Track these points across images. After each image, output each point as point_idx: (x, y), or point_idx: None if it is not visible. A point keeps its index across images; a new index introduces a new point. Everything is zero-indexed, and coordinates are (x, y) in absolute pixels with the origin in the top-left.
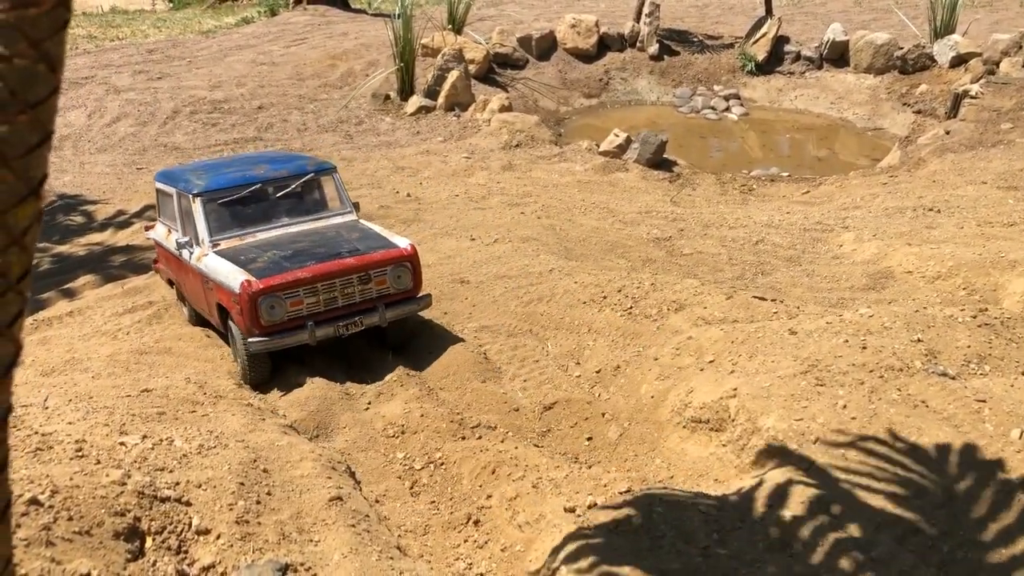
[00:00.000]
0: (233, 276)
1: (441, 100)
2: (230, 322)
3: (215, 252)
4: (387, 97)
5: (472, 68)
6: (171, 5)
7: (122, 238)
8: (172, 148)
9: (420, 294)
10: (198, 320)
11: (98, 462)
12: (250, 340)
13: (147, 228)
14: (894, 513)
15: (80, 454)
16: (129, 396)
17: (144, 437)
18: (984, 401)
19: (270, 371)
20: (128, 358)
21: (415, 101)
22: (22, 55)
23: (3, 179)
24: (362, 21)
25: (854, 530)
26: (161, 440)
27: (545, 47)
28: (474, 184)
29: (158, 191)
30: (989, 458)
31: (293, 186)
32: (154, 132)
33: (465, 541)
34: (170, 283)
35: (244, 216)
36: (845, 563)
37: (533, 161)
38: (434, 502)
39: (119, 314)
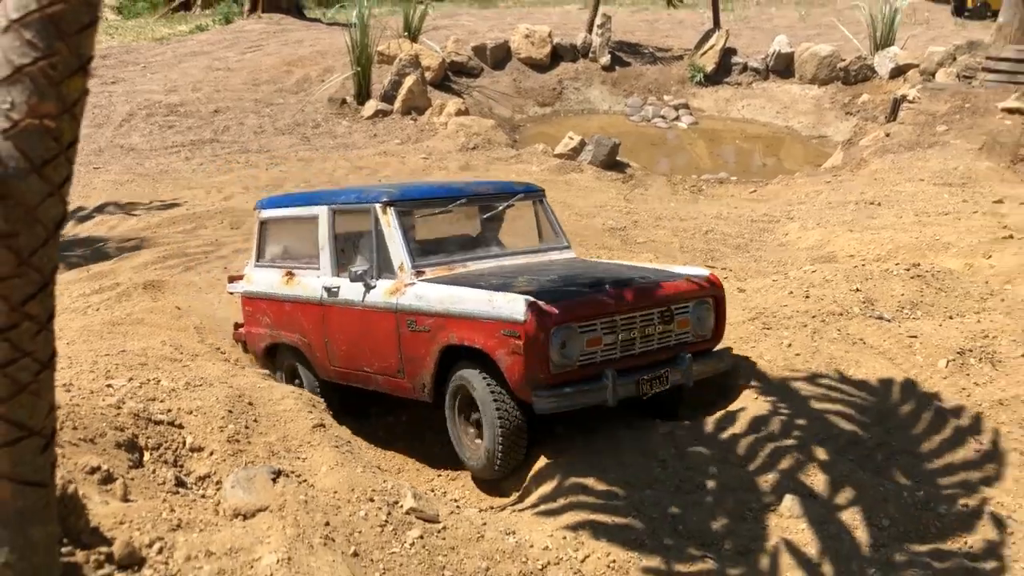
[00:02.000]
0: (503, 299)
1: (398, 104)
2: (473, 378)
3: (424, 281)
4: (344, 101)
5: (428, 75)
6: (120, 15)
7: (83, 231)
8: (129, 149)
9: (720, 346)
10: (326, 388)
11: (91, 392)
12: (540, 394)
13: (231, 280)
14: (834, 429)
15: (70, 393)
16: (108, 355)
17: (130, 379)
18: (915, 337)
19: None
20: (101, 328)
21: (372, 105)
22: None
23: (58, 52)
24: (317, 29)
25: (799, 443)
26: (148, 380)
27: (499, 56)
28: None
29: (268, 223)
30: (919, 384)
31: (503, 207)
32: (110, 134)
33: (439, 475)
34: (271, 352)
35: (448, 240)
36: (786, 464)
37: (490, 162)
38: (408, 445)
39: (87, 295)
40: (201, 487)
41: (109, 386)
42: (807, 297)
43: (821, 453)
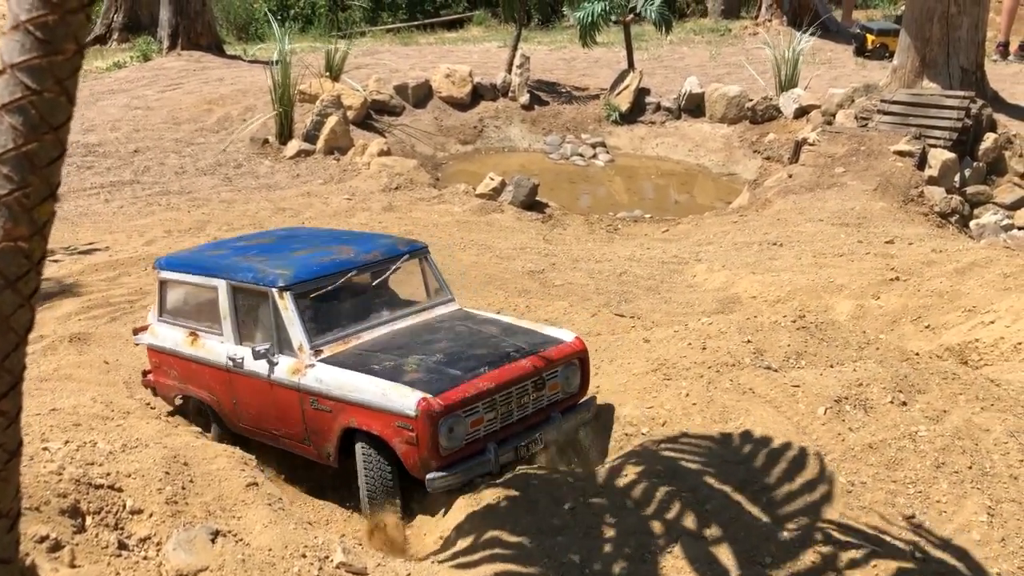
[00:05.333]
0: (395, 394)
1: (320, 144)
2: (367, 455)
3: (323, 361)
4: (266, 141)
5: (350, 114)
6: None
7: None
8: None
9: (584, 397)
10: (235, 440)
11: (31, 458)
12: (431, 477)
13: (136, 331)
14: (725, 475)
15: None
16: (39, 415)
17: (66, 442)
18: (799, 387)
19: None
20: (30, 385)
21: (294, 145)
22: (50, 90)
23: (31, 184)
24: (238, 67)
25: (694, 489)
26: (84, 443)
27: (421, 95)
28: (357, 224)
29: (166, 283)
30: (801, 430)
31: (391, 271)
32: None
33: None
34: (185, 400)
35: (343, 313)
36: (681, 508)
37: (413, 203)
38: (335, 493)
39: None
40: (143, 549)
41: (46, 449)
42: (704, 348)
43: (713, 497)
